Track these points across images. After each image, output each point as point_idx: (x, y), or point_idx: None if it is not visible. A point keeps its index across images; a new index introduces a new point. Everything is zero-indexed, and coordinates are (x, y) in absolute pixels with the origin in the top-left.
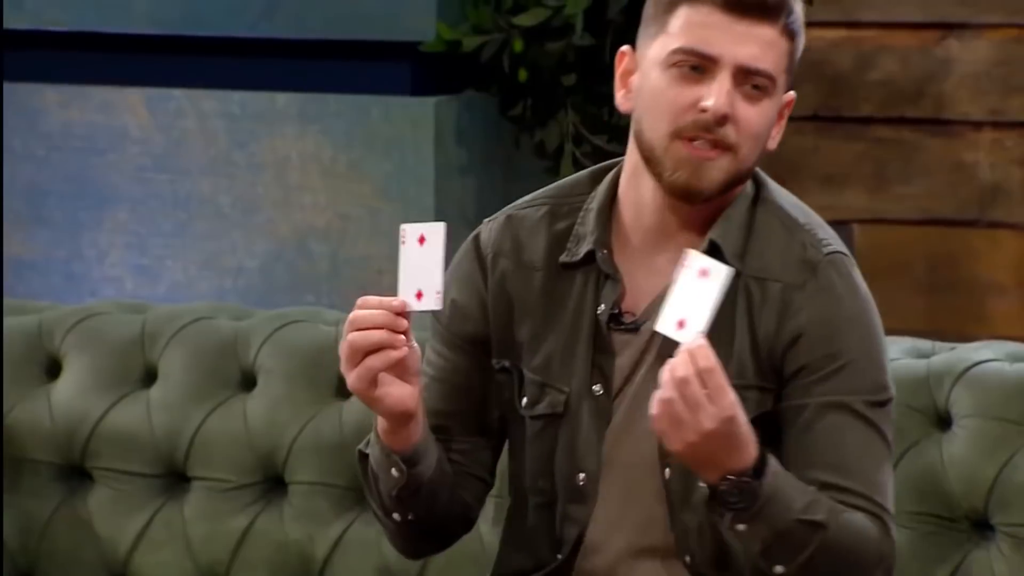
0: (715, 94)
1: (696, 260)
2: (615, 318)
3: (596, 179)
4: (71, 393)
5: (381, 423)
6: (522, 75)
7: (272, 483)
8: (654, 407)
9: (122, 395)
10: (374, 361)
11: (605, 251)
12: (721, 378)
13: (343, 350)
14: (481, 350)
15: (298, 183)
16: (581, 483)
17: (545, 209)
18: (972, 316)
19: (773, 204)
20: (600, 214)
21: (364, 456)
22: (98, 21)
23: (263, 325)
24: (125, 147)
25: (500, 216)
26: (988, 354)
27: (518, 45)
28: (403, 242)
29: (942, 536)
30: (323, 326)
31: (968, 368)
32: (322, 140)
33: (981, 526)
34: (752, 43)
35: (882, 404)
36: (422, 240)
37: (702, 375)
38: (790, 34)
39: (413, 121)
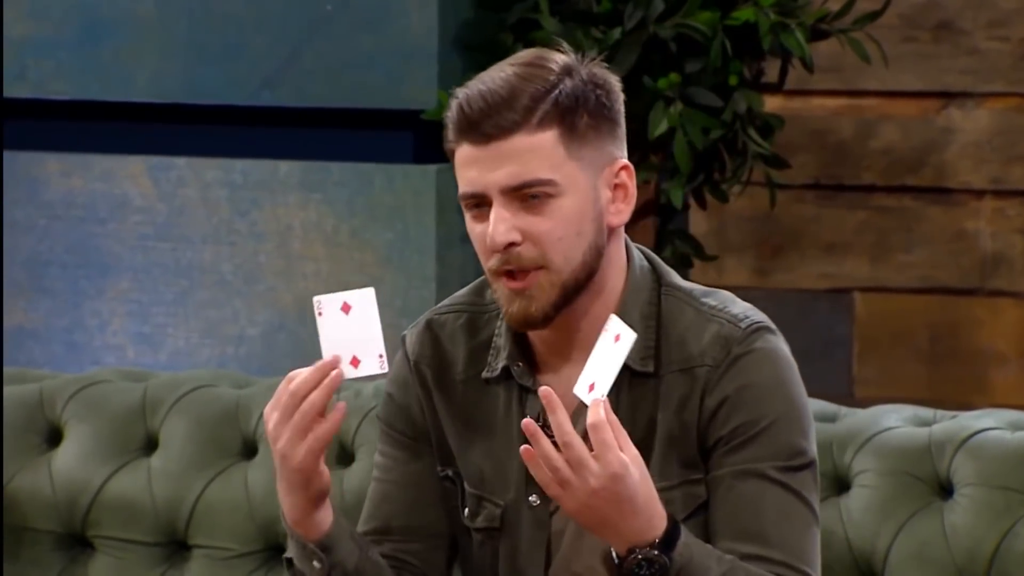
0: (490, 228)
1: (614, 325)
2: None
3: None
4: (72, 461)
5: (292, 512)
6: None
7: (273, 551)
8: (538, 472)
9: (123, 463)
10: (322, 431)
11: (520, 364)
12: (607, 434)
13: (279, 423)
14: (427, 448)
15: (300, 251)
16: None
17: (464, 318)
18: (973, 385)
19: (678, 290)
20: (511, 328)
21: (290, 562)
22: (100, 90)
23: (264, 393)
24: (127, 216)
25: (421, 321)
26: (989, 422)
27: None
28: (320, 314)
29: None
30: None
31: (969, 436)
32: (324, 208)
33: None
34: (506, 161)
35: (800, 468)
36: (347, 309)
37: (588, 431)
38: (550, 121)
39: (415, 189)
